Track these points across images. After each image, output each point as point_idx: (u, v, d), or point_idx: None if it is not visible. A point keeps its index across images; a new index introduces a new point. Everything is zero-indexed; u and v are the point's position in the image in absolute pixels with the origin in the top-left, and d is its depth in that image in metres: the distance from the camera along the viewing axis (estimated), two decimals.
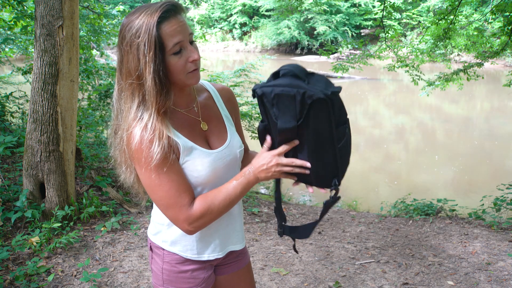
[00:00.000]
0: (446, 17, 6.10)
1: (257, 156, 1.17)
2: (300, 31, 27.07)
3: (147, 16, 1.07)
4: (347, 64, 6.38)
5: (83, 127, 5.11)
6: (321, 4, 22.66)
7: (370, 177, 7.16)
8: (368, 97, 15.04)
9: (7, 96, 5.27)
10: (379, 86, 17.57)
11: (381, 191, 6.58)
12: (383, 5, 6.18)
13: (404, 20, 23.14)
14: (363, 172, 7.16)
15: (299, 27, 27.07)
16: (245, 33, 30.90)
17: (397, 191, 6.11)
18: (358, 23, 26.67)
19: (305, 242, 3.56)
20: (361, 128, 10.49)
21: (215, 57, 27.22)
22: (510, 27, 5.52)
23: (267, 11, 27.91)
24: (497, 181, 4.88)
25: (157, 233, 1.31)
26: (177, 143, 1.15)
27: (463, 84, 6.35)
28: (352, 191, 5.90)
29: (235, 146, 1.28)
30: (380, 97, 15.59)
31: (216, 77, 5.85)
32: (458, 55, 14.31)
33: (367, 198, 5.76)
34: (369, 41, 17.24)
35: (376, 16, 13.66)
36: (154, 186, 1.13)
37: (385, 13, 6.21)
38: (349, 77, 16.41)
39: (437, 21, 6.18)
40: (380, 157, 8.60)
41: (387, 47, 6.39)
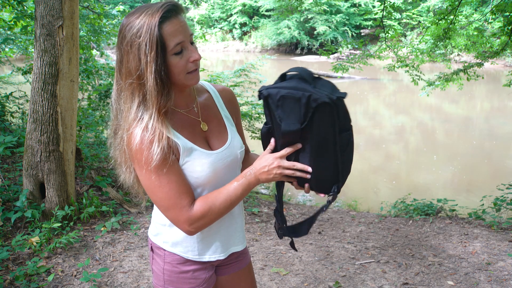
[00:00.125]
0: (446, 17, 6.10)
1: (259, 158, 1.17)
2: (300, 31, 27.06)
3: (148, 16, 1.07)
4: (347, 64, 6.38)
5: (83, 127, 5.10)
6: (321, 4, 22.65)
7: (370, 177, 7.16)
8: (368, 97, 15.03)
9: (7, 96, 5.27)
10: (379, 86, 17.56)
11: (381, 191, 6.58)
12: (383, 5, 6.18)
13: (404, 20, 23.13)
14: (363, 172, 7.16)
15: (299, 27, 27.06)
16: (245, 33, 30.89)
17: (397, 191, 6.10)
18: (358, 23, 26.66)
19: (305, 242, 3.56)
20: (361, 128, 10.48)
21: (215, 57, 27.20)
22: (510, 27, 5.52)
23: (267, 11, 27.90)
24: (497, 181, 4.88)
25: (158, 234, 1.31)
26: (176, 144, 1.15)
27: (463, 84, 6.36)
28: (352, 191, 5.89)
29: (236, 146, 1.28)
30: (380, 97, 15.58)
31: (216, 77, 5.85)
32: (458, 55, 14.30)
33: (367, 198, 5.76)
34: (369, 41, 17.26)
35: (376, 16, 13.65)
36: (154, 187, 1.13)
37: (385, 13, 6.21)
38: (349, 77, 16.40)
39: (437, 21, 6.18)
40: (380, 157, 8.60)
41: (387, 47, 6.39)
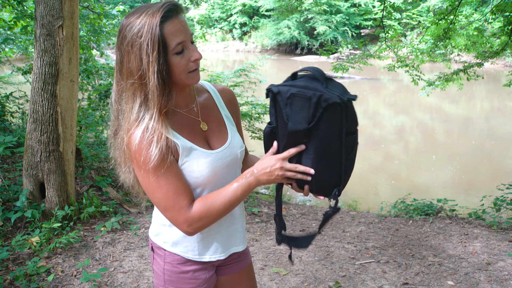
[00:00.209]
0: (446, 17, 6.10)
1: (261, 159, 1.17)
2: (300, 31, 27.07)
3: (149, 16, 1.07)
4: (347, 64, 6.38)
5: (83, 127, 5.11)
6: (321, 4, 22.66)
7: (370, 177, 7.16)
8: (368, 97, 15.03)
9: (7, 96, 5.27)
10: (379, 86, 17.56)
11: (381, 191, 6.58)
12: (383, 5, 6.18)
13: (404, 20, 23.13)
14: (363, 172, 7.15)
15: (299, 27, 27.06)
16: (245, 33, 30.90)
17: (397, 191, 6.10)
18: (358, 23, 26.67)
19: None
20: (361, 128, 10.31)
21: (215, 57, 27.20)
22: (510, 27, 5.52)
23: (267, 11, 27.91)
24: (497, 181, 4.88)
25: (158, 234, 1.31)
26: (176, 144, 1.15)
27: (463, 84, 6.36)
28: (352, 191, 5.89)
29: (236, 146, 1.28)
30: (380, 97, 15.58)
31: (216, 77, 5.86)
32: (458, 55, 14.29)
33: (367, 198, 5.76)
34: (369, 41, 17.25)
35: (376, 16, 13.65)
36: (153, 188, 1.13)
37: (385, 13, 6.21)
38: (349, 77, 16.40)
39: (437, 21, 6.18)
40: (380, 157, 8.60)
41: (387, 47, 6.39)
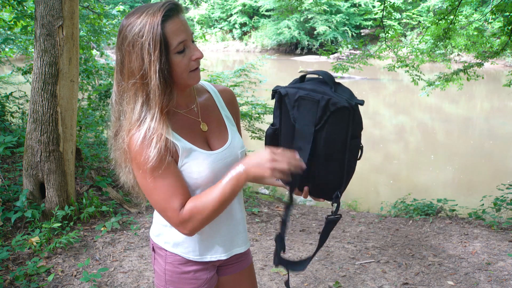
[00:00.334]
0: (446, 17, 6.10)
1: (253, 153, 1.15)
2: (300, 31, 27.06)
3: (149, 16, 1.07)
4: (347, 64, 6.39)
5: (83, 127, 5.11)
6: (321, 4, 22.65)
7: (370, 177, 7.16)
8: (368, 97, 15.02)
9: (7, 96, 5.27)
10: (379, 86, 17.56)
11: (381, 191, 6.58)
12: (383, 5, 6.18)
13: (404, 20, 23.12)
14: (363, 172, 7.14)
15: (299, 27, 27.05)
16: (245, 33, 30.89)
17: (397, 191, 6.10)
18: (358, 23, 26.65)
19: (305, 242, 3.56)
20: None
21: (215, 57, 27.20)
22: (510, 27, 5.52)
23: (267, 11, 27.89)
24: (497, 181, 4.88)
25: (159, 235, 1.31)
26: (175, 145, 1.14)
27: (463, 84, 6.36)
28: (352, 191, 5.89)
29: (236, 147, 1.27)
30: (380, 97, 15.58)
31: (216, 77, 5.86)
32: (458, 55, 14.28)
33: (367, 198, 5.76)
34: (369, 41, 17.22)
35: (376, 16, 13.65)
36: (150, 189, 1.12)
37: (385, 13, 6.21)
38: (349, 77, 16.40)
39: (437, 21, 6.18)
40: (380, 157, 8.60)
41: (387, 47, 6.39)
